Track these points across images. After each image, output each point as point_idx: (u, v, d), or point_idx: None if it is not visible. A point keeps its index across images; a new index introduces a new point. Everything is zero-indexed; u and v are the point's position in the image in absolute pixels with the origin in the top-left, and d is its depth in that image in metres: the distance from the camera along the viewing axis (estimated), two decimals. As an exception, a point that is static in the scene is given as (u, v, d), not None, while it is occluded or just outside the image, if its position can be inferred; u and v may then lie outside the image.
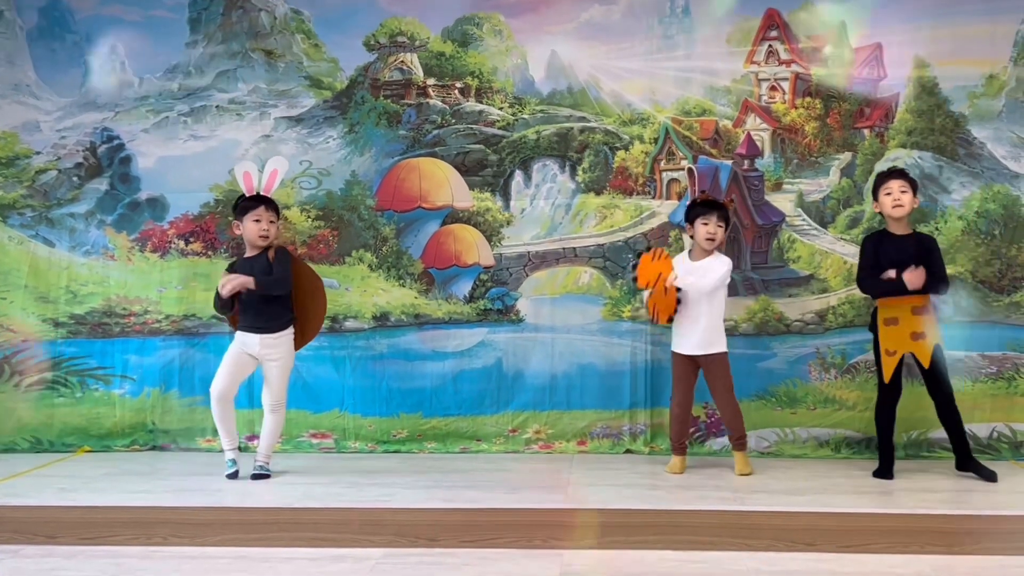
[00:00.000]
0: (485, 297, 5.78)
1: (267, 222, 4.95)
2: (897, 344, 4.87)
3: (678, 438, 5.14)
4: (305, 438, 5.72)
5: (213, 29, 5.88)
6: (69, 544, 4.24)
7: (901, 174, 4.97)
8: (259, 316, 4.95)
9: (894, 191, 4.90)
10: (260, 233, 4.94)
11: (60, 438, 5.73)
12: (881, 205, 4.96)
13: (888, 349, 4.87)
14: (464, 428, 5.70)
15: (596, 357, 5.69)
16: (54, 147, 5.89)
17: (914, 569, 3.91)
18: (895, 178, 4.93)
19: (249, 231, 4.95)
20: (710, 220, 5.03)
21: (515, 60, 5.84)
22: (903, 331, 4.85)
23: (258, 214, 4.94)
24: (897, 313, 4.86)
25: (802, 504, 4.42)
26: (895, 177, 4.94)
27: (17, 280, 5.81)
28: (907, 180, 4.95)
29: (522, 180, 5.81)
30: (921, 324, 4.85)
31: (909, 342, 4.86)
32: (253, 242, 4.98)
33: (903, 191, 4.89)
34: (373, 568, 3.95)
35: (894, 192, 4.90)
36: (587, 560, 4.03)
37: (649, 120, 5.75)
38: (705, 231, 5.04)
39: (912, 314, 4.85)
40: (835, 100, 5.67)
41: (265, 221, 4.94)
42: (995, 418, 5.48)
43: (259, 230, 4.94)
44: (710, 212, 5.03)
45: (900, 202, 4.88)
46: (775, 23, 5.69)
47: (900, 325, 4.85)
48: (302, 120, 5.87)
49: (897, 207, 4.88)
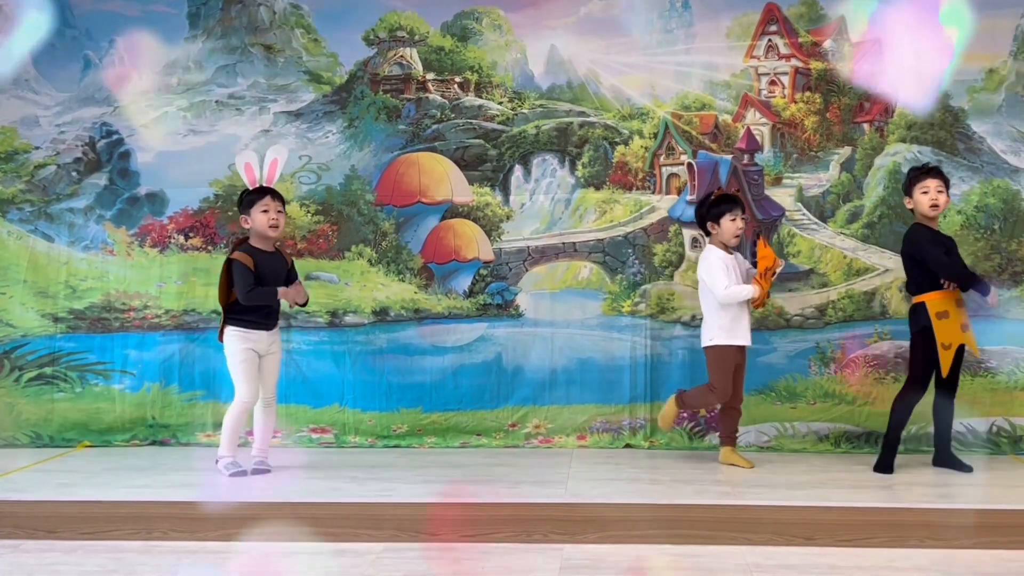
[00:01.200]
0: (485, 292, 5.78)
1: (275, 211, 4.92)
2: (951, 337, 4.83)
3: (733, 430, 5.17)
4: (305, 433, 5.73)
5: (212, 24, 5.87)
6: (69, 539, 4.25)
7: (938, 173, 4.93)
8: (266, 313, 4.94)
9: (931, 190, 4.87)
10: (270, 223, 4.91)
11: (60, 433, 5.73)
12: (916, 203, 4.92)
13: (944, 343, 4.82)
14: (464, 423, 5.70)
15: (596, 352, 5.70)
16: (53, 142, 5.88)
17: (913, 563, 3.91)
18: (933, 177, 4.89)
19: (258, 222, 4.92)
20: (737, 215, 5.02)
21: (514, 55, 5.84)
22: (954, 323, 4.84)
23: (265, 204, 4.91)
24: (947, 307, 4.85)
25: (802, 498, 4.43)
26: (933, 176, 4.90)
27: (16, 275, 5.80)
28: (944, 180, 4.93)
29: (522, 175, 5.81)
30: (965, 315, 4.88)
31: (960, 333, 4.85)
32: (264, 233, 4.94)
33: (940, 191, 4.87)
34: (374, 562, 3.95)
35: (931, 191, 4.86)
36: (587, 554, 4.03)
37: (649, 115, 5.75)
38: (735, 227, 5.02)
39: (957, 306, 4.86)
40: (835, 94, 5.67)
41: (273, 211, 4.92)
42: (994, 412, 5.49)
43: (268, 220, 4.90)
44: (735, 207, 5.02)
45: (937, 202, 4.86)
46: (775, 17, 5.68)
47: (951, 318, 4.83)
48: (301, 115, 5.86)
49: (934, 207, 4.87)
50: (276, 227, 4.93)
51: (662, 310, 5.69)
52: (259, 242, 4.98)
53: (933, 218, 4.92)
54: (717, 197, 5.10)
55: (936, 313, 4.84)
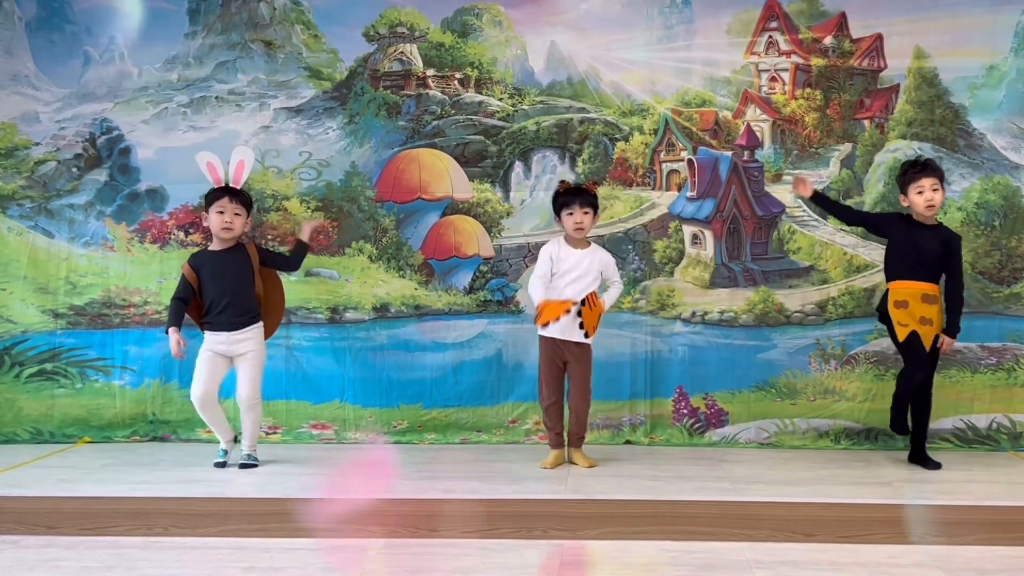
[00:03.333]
0: (485, 288, 5.78)
1: (231, 214, 4.86)
2: (908, 320, 4.88)
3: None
4: (305, 429, 5.73)
5: (212, 20, 5.86)
6: (70, 535, 4.25)
7: (934, 171, 4.91)
8: (226, 314, 4.90)
9: (926, 190, 4.85)
10: (223, 225, 4.85)
11: (60, 429, 5.73)
12: (912, 202, 4.90)
13: (900, 321, 4.89)
14: (464, 419, 5.70)
15: (596, 348, 5.64)
16: (53, 138, 5.88)
17: (913, 559, 3.91)
18: (928, 175, 4.86)
19: (212, 223, 4.88)
20: (575, 209, 4.90)
21: (515, 51, 5.83)
22: (913, 313, 4.87)
23: (221, 205, 4.86)
24: (907, 297, 4.88)
25: (802, 495, 4.43)
26: (928, 175, 4.87)
27: (16, 271, 5.80)
28: (939, 177, 4.91)
29: (522, 171, 5.81)
30: (930, 312, 4.88)
31: (917, 324, 4.87)
32: (217, 234, 4.91)
33: (935, 189, 4.86)
34: (374, 558, 3.96)
35: (926, 191, 4.85)
36: (587, 551, 4.04)
37: (649, 111, 5.74)
38: (572, 222, 4.91)
39: (921, 301, 4.87)
40: (835, 91, 5.66)
41: (229, 213, 4.85)
42: (994, 409, 5.50)
43: (221, 222, 4.85)
44: (574, 201, 4.90)
45: (932, 202, 4.85)
46: (775, 14, 5.68)
47: (910, 308, 4.88)
48: (302, 111, 5.86)
49: (930, 207, 4.86)
50: (229, 229, 4.86)
51: (662, 306, 5.69)
52: (216, 243, 4.96)
53: (929, 217, 4.92)
54: (562, 190, 4.99)
55: (895, 301, 4.91)
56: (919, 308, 4.87)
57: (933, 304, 4.90)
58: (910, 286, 4.89)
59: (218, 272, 4.90)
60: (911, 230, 4.92)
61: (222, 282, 4.90)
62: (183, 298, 4.90)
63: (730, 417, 5.62)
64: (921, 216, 4.91)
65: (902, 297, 4.90)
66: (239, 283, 4.93)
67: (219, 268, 4.90)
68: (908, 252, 4.90)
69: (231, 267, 4.93)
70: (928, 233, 4.91)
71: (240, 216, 4.91)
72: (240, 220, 4.91)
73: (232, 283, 4.91)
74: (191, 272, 4.92)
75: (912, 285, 4.89)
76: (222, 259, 4.93)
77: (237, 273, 4.93)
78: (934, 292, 4.90)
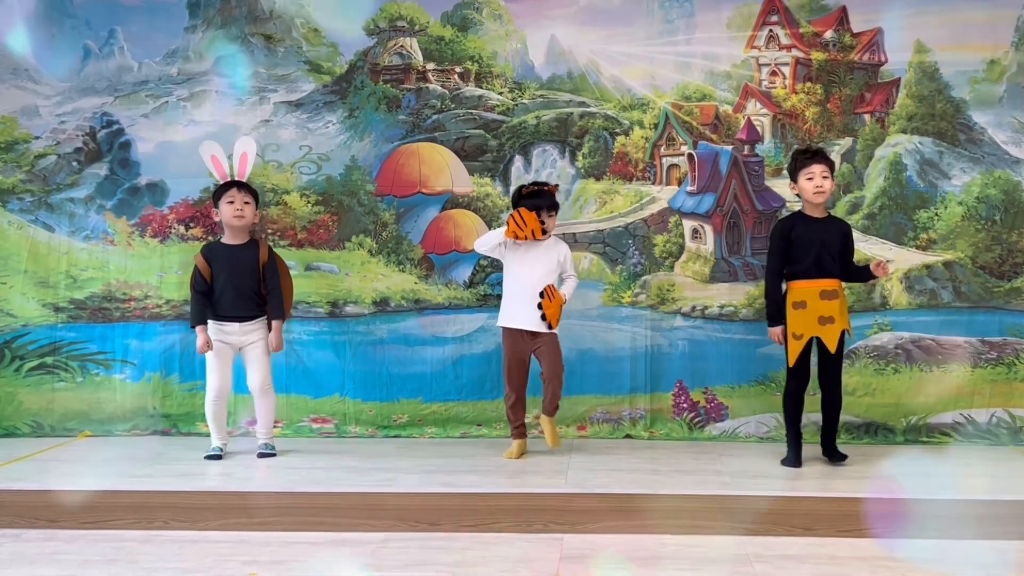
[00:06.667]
0: (485, 282, 5.78)
1: (241, 203, 5.00)
2: (804, 328, 4.77)
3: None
4: (306, 423, 5.73)
5: (212, 14, 5.85)
6: (70, 528, 4.26)
7: (824, 159, 4.82)
8: (235, 306, 5.02)
9: (816, 176, 4.74)
10: (234, 214, 4.99)
11: (61, 423, 5.74)
12: (801, 188, 4.80)
13: (795, 332, 4.78)
14: (464, 413, 5.71)
15: (596, 342, 5.70)
16: (53, 132, 5.87)
17: (911, 554, 3.91)
18: (818, 162, 4.76)
19: (224, 214, 5.02)
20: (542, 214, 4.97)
21: (515, 45, 5.83)
22: (811, 315, 4.76)
23: (231, 195, 5.01)
24: (805, 297, 4.78)
25: (801, 489, 4.44)
26: (818, 161, 4.77)
27: (17, 265, 5.80)
28: (829, 164, 4.82)
29: (522, 165, 5.80)
30: (830, 309, 4.76)
31: (816, 326, 4.76)
32: (229, 223, 5.04)
33: (825, 176, 4.75)
34: (374, 552, 3.96)
35: (816, 177, 4.74)
36: (587, 544, 4.04)
37: (649, 105, 5.74)
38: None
39: (820, 298, 4.76)
40: (836, 85, 5.66)
41: (239, 202, 5.00)
42: (994, 403, 5.49)
43: (233, 211, 4.99)
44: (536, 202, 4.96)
45: (822, 188, 4.74)
46: (776, 8, 5.67)
47: (808, 309, 4.77)
48: (301, 105, 5.85)
49: (819, 193, 4.75)
50: (241, 217, 5.00)
51: (662, 301, 5.69)
52: (229, 235, 5.08)
53: (818, 205, 4.81)
54: (525, 192, 5.04)
55: (793, 303, 4.80)
56: (818, 306, 4.74)
57: (833, 300, 4.76)
58: (807, 285, 4.76)
59: (231, 264, 5.02)
60: (810, 226, 4.80)
61: (237, 274, 5.01)
62: (205, 292, 5.01)
63: (730, 411, 5.62)
64: (811, 205, 4.81)
65: (800, 298, 4.77)
66: (251, 276, 5.04)
67: (232, 260, 5.02)
68: (804, 248, 4.75)
69: (244, 259, 5.05)
70: (824, 226, 4.81)
71: (250, 204, 5.04)
72: (250, 208, 5.05)
73: (245, 276, 5.03)
74: (204, 264, 5.02)
75: (809, 284, 4.76)
76: (234, 252, 5.05)
77: (250, 266, 5.04)
78: (833, 287, 4.77)
